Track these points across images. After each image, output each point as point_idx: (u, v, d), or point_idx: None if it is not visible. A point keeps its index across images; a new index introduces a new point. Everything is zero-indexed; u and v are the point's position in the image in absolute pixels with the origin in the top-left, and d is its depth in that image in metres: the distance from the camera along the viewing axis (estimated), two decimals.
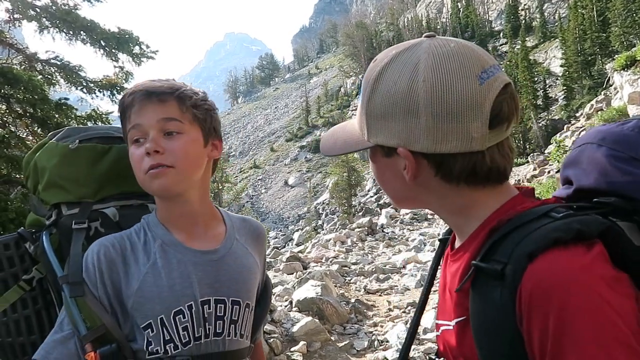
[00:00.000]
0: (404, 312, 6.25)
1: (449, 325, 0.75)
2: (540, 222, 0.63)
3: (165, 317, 0.99)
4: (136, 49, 8.70)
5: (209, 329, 1.04)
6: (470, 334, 0.67)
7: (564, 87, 35.70)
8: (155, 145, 0.97)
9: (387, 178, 0.78)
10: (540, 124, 34.25)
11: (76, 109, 8.27)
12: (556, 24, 45.50)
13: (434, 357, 0.84)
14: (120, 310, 1.00)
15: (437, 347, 0.84)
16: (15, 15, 8.23)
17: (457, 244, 0.79)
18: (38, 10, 8.18)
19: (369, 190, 39.25)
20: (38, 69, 8.52)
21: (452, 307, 0.75)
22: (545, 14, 53.86)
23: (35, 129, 7.91)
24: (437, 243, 0.95)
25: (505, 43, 49.34)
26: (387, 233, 14.65)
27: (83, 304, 0.97)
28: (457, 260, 0.76)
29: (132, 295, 0.99)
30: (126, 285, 1.00)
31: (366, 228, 15.07)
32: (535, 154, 26.21)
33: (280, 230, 45.93)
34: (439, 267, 0.99)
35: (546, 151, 25.00)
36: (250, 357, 1.15)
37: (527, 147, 32.54)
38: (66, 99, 8.08)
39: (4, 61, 7.98)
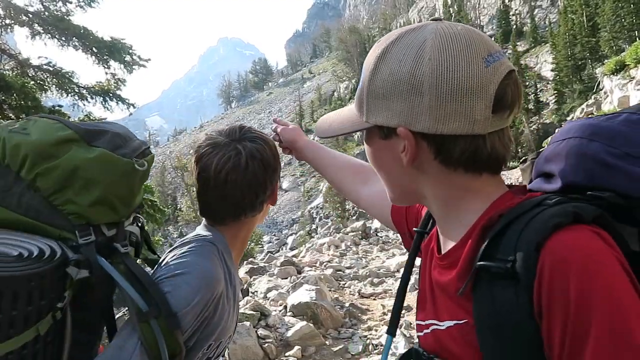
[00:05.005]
0: None
1: (439, 325, 0.73)
2: (535, 212, 0.63)
3: (214, 343, 1.09)
4: (127, 58, 8.74)
5: (219, 358, 1.17)
6: (472, 337, 0.65)
7: (555, 91, 36.08)
8: None
9: (383, 162, 0.76)
10: (532, 128, 34.57)
11: (69, 117, 8.25)
12: (547, 29, 46.00)
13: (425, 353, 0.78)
14: (199, 334, 1.04)
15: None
16: (7, 21, 8.21)
17: (443, 240, 0.77)
18: (30, 16, 8.17)
19: None
20: (30, 75, 8.49)
21: (445, 307, 0.72)
22: (536, 19, 54.41)
23: None
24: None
25: None
26: (381, 237, 14.69)
27: (168, 334, 0.91)
28: (448, 258, 0.73)
29: (216, 325, 1.06)
30: (219, 318, 1.06)
31: (360, 232, 15.11)
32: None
33: (274, 235, 45.76)
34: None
35: None
36: None
37: (519, 150, 32.77)
38: (60, 106, 8.07)
39: None
